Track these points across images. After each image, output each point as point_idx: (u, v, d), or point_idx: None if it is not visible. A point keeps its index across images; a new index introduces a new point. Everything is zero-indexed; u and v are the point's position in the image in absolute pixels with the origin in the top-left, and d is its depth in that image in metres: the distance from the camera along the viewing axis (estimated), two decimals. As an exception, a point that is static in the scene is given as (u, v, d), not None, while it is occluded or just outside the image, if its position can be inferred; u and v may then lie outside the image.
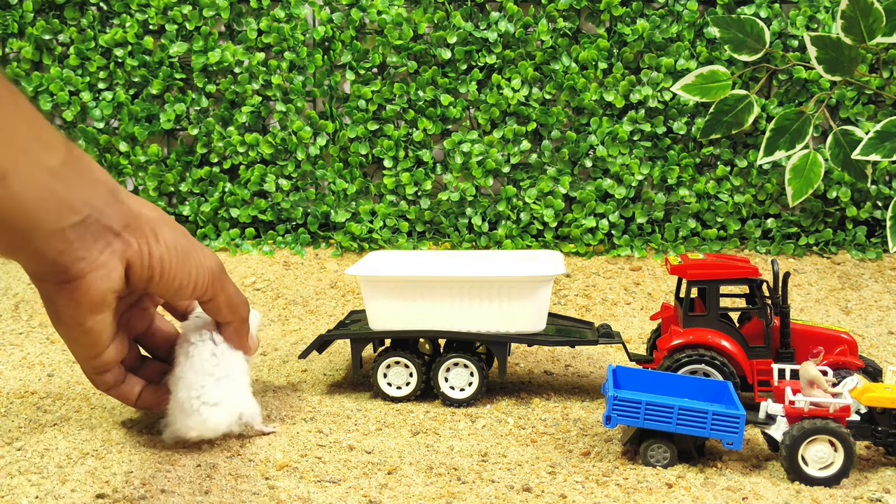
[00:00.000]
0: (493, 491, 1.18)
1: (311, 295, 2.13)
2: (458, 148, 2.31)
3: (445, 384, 1.51)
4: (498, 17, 2.29)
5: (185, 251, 0.75)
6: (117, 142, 2.33)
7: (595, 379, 1.67)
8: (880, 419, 1.24)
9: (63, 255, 0.65)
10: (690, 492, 1.18)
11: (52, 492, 1.17)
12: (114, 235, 0.68)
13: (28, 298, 2.10)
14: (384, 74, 2.34)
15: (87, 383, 1.63)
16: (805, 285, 2.17)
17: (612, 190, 2.31)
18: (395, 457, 1.29)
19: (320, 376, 1.67)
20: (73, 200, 0.63)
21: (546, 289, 1.49)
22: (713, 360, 1.43)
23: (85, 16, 2.32)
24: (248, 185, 2.35)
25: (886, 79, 2.24)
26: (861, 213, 2.31)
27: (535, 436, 1.38)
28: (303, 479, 1.21)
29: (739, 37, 2.18)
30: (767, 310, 1.46)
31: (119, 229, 0.68)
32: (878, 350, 1.82)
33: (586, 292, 2.14)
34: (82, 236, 0.65)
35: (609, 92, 2.29)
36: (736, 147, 2.35)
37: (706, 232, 2.33)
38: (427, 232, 2.37)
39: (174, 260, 0.75)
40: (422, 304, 1.49)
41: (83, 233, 0.65)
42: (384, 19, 2.28)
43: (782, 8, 2.30)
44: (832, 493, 1.18)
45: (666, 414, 1.24)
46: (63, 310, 0.71)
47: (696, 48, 2.29)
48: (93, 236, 0.66)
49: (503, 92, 2.30)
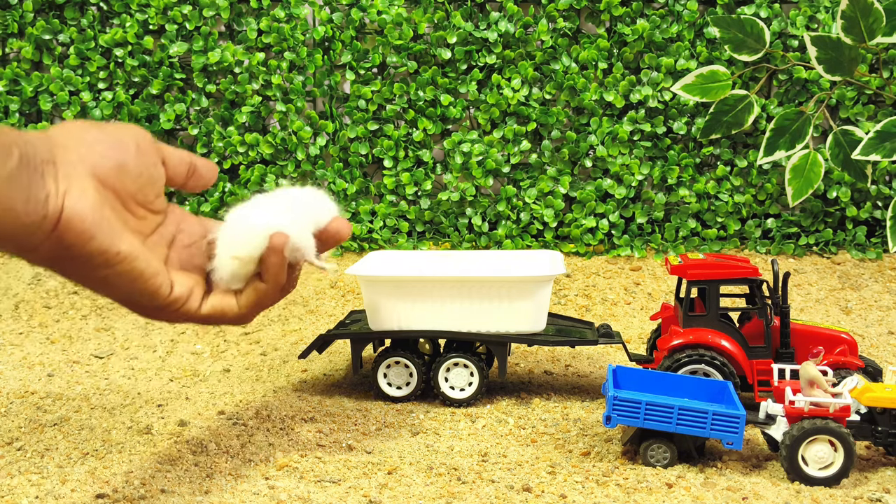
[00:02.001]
0: (493, 491, 1.18)
1: (311, 295, 2.13)
2: (458, 148, 2.31)
3: (445, 384, 1.51)
4: (498, 17, 2.29)
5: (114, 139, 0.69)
6: (117, 142, 2.33)
7: (595, 379, 1.67)
8: (880, 419, 1.24)
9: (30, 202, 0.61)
10: (690, 492, 1.18)
11: (52, 492, 1.17)
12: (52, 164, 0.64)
13: (28, 298, 2.10)
14: (384, 74, 2.34)
15: (87, 383, 1.64)
16: (805, 285, 2.17)
17: (612, 190, 2.31)
18: (395, 457, 1.29)
19: (320, 376, 1.67)
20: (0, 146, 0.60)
21: (546, 289, 1.49)
22: (713, 360, 1.43)
23: (85, 16, 2.32)
24: (248, 185, 2.35)
25: (886, 79, 2.24)
26: (861, 213, 2.31)
27: (535, 436, 1.38)
28: (303, 479, 1.21)
29: (739, 37, 2.18)
30: (767, 310, 1.46)
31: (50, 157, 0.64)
32: (878, 350, 1.82)
33: (586, 292, 2.14)
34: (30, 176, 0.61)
35: (609, 92, 2.29)
36: (736, 147, 2.35)
37: (706, 232, 2.33)
38: (427, 232, 2.37)
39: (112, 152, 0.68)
40: (422, 304, 1.49)
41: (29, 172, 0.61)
42: (384, 19, 2.28)
43: (782, 8, 2.30)
44: (832, 493, 1.18)
45: (666, 414, 1.24)
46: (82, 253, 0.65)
47: (696, 48, 2.29)
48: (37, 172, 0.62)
49: (503, 92, 2.30)
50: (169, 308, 0.74)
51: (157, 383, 1.64)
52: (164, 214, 0.76)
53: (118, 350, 1.85)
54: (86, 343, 1.89)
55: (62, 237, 0.64)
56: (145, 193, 0.72)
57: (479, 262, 1.72)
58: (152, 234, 0.75)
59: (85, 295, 2.12)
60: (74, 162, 0.66)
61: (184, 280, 0.75)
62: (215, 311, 0.77)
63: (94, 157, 0.67)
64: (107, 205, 0.67)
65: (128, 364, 1.76)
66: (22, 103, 2.32)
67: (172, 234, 0.77)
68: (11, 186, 0.60)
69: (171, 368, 1.73)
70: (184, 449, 1.31)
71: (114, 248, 0.67)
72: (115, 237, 0.67)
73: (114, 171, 0.68)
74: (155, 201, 0.74)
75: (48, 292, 2.12)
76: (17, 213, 0.60)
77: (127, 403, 1.52)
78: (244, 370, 1.72)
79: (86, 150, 0.67)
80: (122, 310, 2.06)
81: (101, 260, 0.67)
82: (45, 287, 2.15)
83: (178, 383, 1.64)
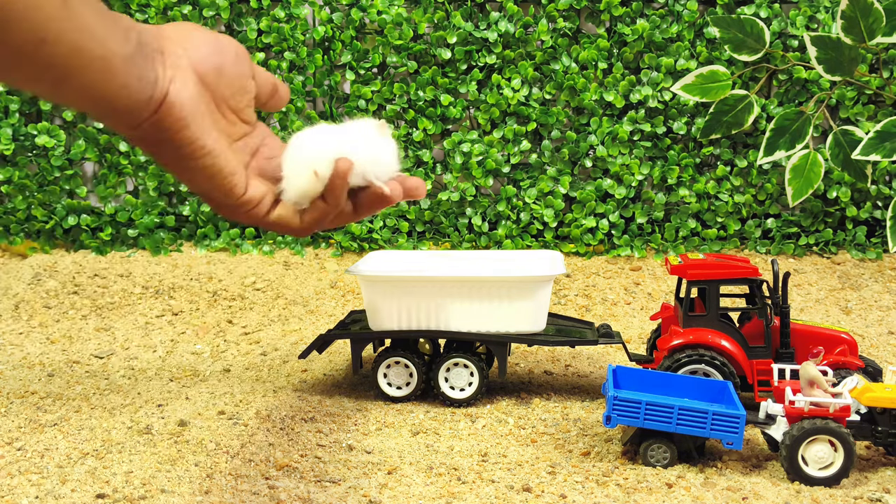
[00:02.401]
0: (493, 491, 1.18)
1: (311, 295, 2.13)
2: (458, 148, 2.31)
3: (445, 384, 1.51)
4: (498, 17, 2.29)
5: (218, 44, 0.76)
6: (117, 142, 2.33)
7: (595, 379, 1.67)
8: (880, 419, 1.24)
9: (142, 82, 0.66)
10: (690, 492, 1.18)
11: (52, 492, 1.17)
12: (161, 54, 0.70)
13: (28, 298, 2.10)
14: (384, 74, 2.34)
15: (87, 383, 1.64)
16: (805, 285, 2.17)
17: (612, 190, 2.32)
18: (395, 457, 1.29)
19: (320, 376, 1.67)
20: (122, 28, 0.66)
21: (546, 289, 1.49)
22: (713, 360, 1.43)
23: (85, 16, 2.32)
24: (248, 185, 2.34)
25: (886, 79, 2.24)
26: (861, 213, 2.31)
27: (535, 436, 1.38)
28: (303, 479, 1.21)
29: (739, 37, 2.18)
30: (767, 310, 1.46)
31: (160, 48, 0.70)
32: (878, 350, 1.82)
33: (586, 292, 2.14)
34: (144, 59, 0.67)
35: (609, 92, 2.29)
36: (736, 147, 2.35)
37: (706, 232, 2.33)
38: (427, 232, 2.37)
39: (214, 55, 0.75)
40: (422, 304, 1.49)
41: (143, 55, 0.67)
42: (384, 19, 2.28)
43: (782, 8, 2.30)
44: (832, 493, 1.18)
45: (666, 414, 1.24)
46: (174, 140, 0.71)
47: (696, 48, 2.29)
48: (149, 58, 0.68)
49: (503, 92, 2.30)
50: (241, 208, 0.79)
51: (157, 383, 1.64)
52: (252, 126, 0.82)
53: (118, 350, 1.85)
54: (86, 343, 1.89)
55: (161, 120, 0.70)
56: (237, 100, 0.78)
57: (479, 262, 1.72)
58: (239, 140, 0.81)
59: (85, 295, 2.12)
60: (181, 55, 0.71)
61: (258, 185, 0.80)
62: (281, 220, 0.83)
63: (198, 55, 0.73)
64: (203, 101, 0.73)
65: (128, 364, 1.76)
66: (22, 103, 2.32)
67: (257, 145, 0.83)
68: (128, 65, 0.65)
69: (171, 368, 1.73)
70: (184, 449, 1.31)
71: (201, 140, 0.72)
72: (205, 131, 0.73)
73: (213, 72, 0.74)
74: (245, 110, 0.80)
75: (48, 292, 2.12)
76: (130, 90, 0.66)
77: (127, 403, 1.52)
78: (244, 370, 1.72)
79: (192, 48, 0.73)
80: (123, 310, 2.06)
81: (188, 150, 0.72)
82: (45, 287, 2.15)
83: (178, 383, 1.64)
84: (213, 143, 0.74)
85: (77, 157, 2.31)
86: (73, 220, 2.31)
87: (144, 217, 2.33)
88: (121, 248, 2.33)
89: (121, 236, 2.35)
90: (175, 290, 2.14)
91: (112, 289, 2.15)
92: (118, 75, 0.66)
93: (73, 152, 2.30)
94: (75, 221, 2.32)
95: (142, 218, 2.33)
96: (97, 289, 2.15)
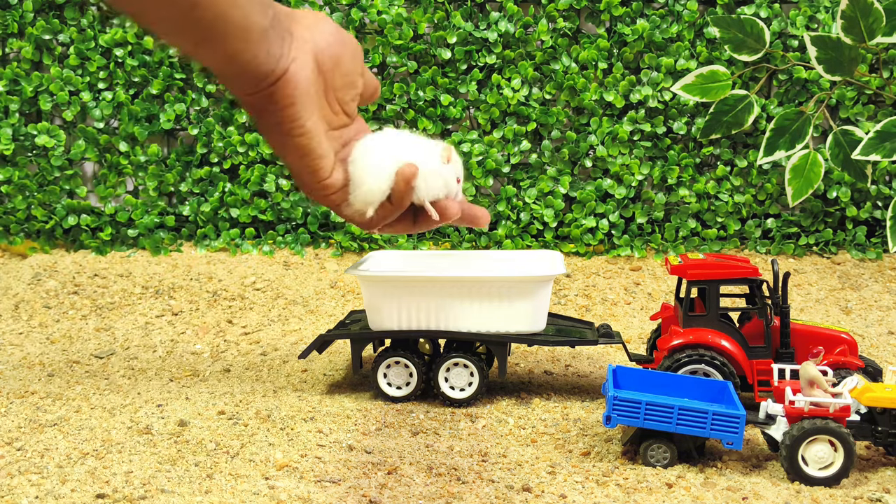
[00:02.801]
0: (493, 491, 1.18)
1: (311, 295, 2.13)
2: (458, 148, 2.31)
3: (445, 384, 1.51)
4: (498, 17, 2.29)
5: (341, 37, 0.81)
6: (117, 142, 2.33)
7: (595, 379, 1.67)
8: (880, 419, 1.24)
9: (269, 56, 0.72)
10: (690, 492, 1.18)
11: (52, 492, 1.17)
12: (290, 35, 0.75)
13: (28, 298, 2.10)
14: (384, 74, 2.34)
15: (87, 383, 1.64)
16: (805, 285, 2.17)
17: (612, 190, 2.31)
18: (395, 457, 1.29)
19: (320, 376, 1.67)
20: (263, 4, 0.71)
21: (546, 289, 1.49)
22: (713, 360, 1.43)
23: (85, 16, 2.32)
24: (248, 185, 2.35)
25: (886, 79, 2.24)
26: (861, 213, 2.31)
27: (535, 436, 1.38)
28: (303, 479, 1.21)
29: (739, 37, 2.18)
30: (767, 310, 1.46)
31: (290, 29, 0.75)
32: (878, 350, 1.82)
33: (586, 292, 2.14)
34: (275, 35, 0.72)
35: (609, 92, 2.29)
36: (736, 147, 2.35)
37: (706, 232, 2.33)
38: (427, 232, 2.37)
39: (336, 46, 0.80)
40: (422, 304, 1.49)
41: (276, 32, 0.72)
42: (384, 19, 2.28)
43: (782, 8, 2.30)
44: (832, 493, 1.18)
45: (666, 414, 1.24)
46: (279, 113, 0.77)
47: (696, 48, 2.29)
48: (280, 36, 0.73)
49: (503, 92, 2.30)
50: (321, 191, 0.84)
51: (157, 383, 1.64)
52: (351, 120, 0.86)
53: (118, 350, 1.85)
54: (86, 343, 1.89)
55: (274, 93, 0.75)
56: (344, 93, 0.83)
57: (479, 262, 1.72)
58: (336, 129, 0.85)
59: (85, 295, 2.12)
60: (307, 39, 0.77)
61: (342, 174, 0.85)
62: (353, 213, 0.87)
63: (321, 43, 0.78)
64: (315, 86, 0.78)
65: (128, 364, 1.76)
66: (22, 103, 2.32)
67: (352, 137, 0.86)
68: (262, 38, 0.71)
69: (170, 368, 1.73)
70: (184, 449, 1.31)
71: (302, 119, 0.77)
72: (309, 113, 0.78)
73: (330, 62, 0.79)
74: (349, 104, 0.84)
75: (48, 292, 2.12)
76: (258, 61, 0.71)
77: (127, 403, 1.52)
78: (244, 370, 1.72)
79: (318, 36, 0.78)
80: (123, 310, 2.06)
81: (288, 126, 0.77)
82: (45, 287, 2.15)
83: (178, 383, 1.64)
84: (312, 125, 0.79)
85: (77, 157, 2.31)
86: (73, 220, 2.31)
87: (144, 217, 2.33)
88: (121, 248, 2.33)
89: (121, 236, 2.35)
90: (175, 290, 2.14)
91: (112, 289, 2.15)
92: (252, 45, 0.71)
93: (73, 152, 2.30)
94: (75, 221, 2.32)
95: (142, 218, 2.33)
96: (97, 289, 2.15)
